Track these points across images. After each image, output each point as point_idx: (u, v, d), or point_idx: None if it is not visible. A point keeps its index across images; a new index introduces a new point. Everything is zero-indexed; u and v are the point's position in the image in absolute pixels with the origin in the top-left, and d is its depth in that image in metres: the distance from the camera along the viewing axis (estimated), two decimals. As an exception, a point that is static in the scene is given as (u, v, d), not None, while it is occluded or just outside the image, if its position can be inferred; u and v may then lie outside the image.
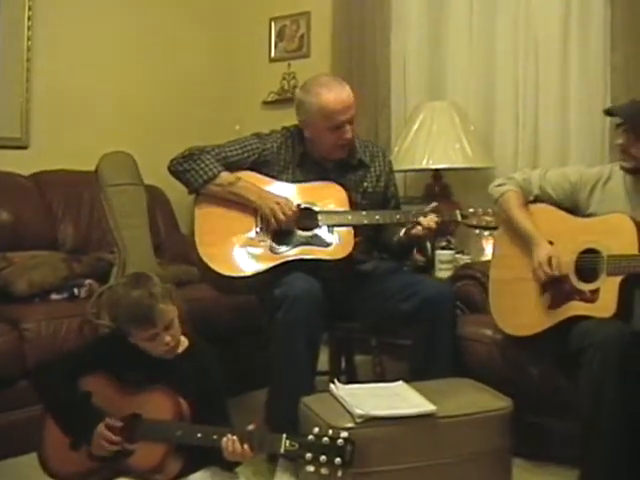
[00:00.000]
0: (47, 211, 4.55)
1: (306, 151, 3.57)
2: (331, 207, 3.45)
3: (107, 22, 5.15)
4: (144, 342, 2.72)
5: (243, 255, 3.36)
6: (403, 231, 3.50)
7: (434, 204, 3.46)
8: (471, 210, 3.44)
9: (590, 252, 3.07)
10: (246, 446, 2.52)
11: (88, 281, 3.97)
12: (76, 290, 3.94)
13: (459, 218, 3.44)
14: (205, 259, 3.35)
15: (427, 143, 4.60)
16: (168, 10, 5.54)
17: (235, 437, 2.53)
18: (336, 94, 3.44)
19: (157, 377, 2.69)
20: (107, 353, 2.81)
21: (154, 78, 5.43)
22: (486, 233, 3.90)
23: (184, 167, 3.43)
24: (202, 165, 3.41)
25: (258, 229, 3.41)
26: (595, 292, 3.00)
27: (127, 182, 3.87)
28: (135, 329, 2.70)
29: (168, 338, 2.74)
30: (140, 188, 3.93)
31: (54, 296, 3.90)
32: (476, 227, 3.51)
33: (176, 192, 4.80)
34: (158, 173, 4.11)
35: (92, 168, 3.87)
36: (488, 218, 3.40)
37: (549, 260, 3.13)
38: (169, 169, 3.48)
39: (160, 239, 4.71)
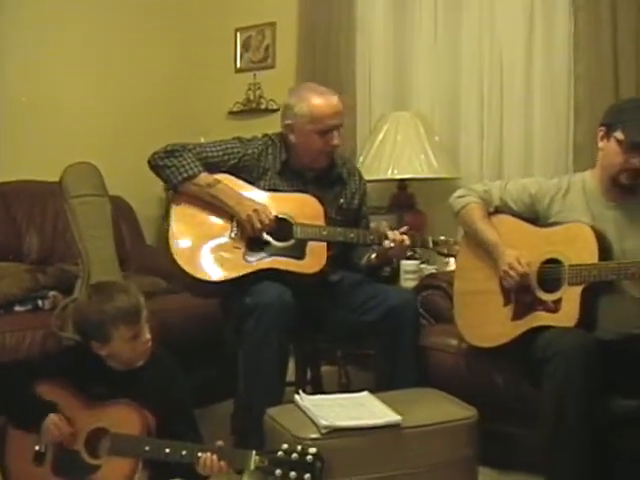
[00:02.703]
0: (11, 222, 4.50)
1: (288, 159, 3.56)
2: (307, 220, 3.43)
3: (71, 32, 5.12)
4: (124, 345, 2.71)
5: (215, 259, 3.36)
6: (375, 255, 3.52)
7: (405, 228, 3.50)
8: (442, 238, 3.50)
9: (552, 262, 3.08)
10: (223, 462, 2.53)
11: (52, 293, 3.94)
12: (40, 302, 3.91)
13: (431, 245, 3.50)
14: (176, 257, 3.34)
15: (392, 153, 4.62)
16: (133, 20, 5.52)
17: (215, 456, 2.53)
18: (326, 98, 3.48)
19: (121, 390, 2.68)
20: (70, 364, 2.80)
21: (119, 89, 5.41)
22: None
23: (165, 162, 3.41)
24: (183, 162, 3.40)
25: (233, 234, 3.40)
26: (558, 302, 3.01)
27: (91, 193, 3.84)
28: (123, 326, 2.68)
29: (148, 335, 2.75)
30: (104, 199, 3.90)
31: (18, 308, 3.87)
32: (447, 255, 3.57)
33: (141, 203, 4.81)
34: (123, 184, 4.11)
35: (56, 179, 3.83)
36: (458, 247, 3.45)
37: (518, 260, 3.13)
38: (149, 163, 3.46)
39: (125, 251, 4.67)
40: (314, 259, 3.37)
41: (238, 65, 5.97)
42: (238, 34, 5.94)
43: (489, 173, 4.72)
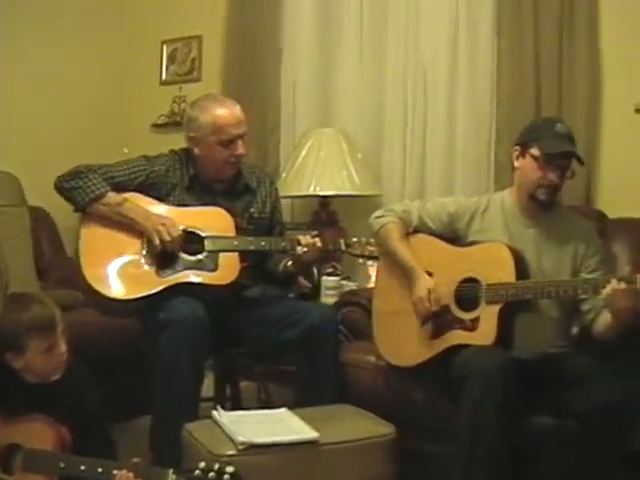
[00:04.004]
0: None
1: (196, 173, 3.56)
2: (218, 232, 3.44)
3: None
4: (38, 356, 2.66)
5: (128, 278, 3.35)
6: (291, 262, 3.54)
7: (314, 232, 3.54)
8: (355, 239, 3.53)
9: (470, 281, 3.11)
10: None
11: (-32, 304, 3.87)
12: (-45, 314, 3.84)
13: (343, 247, 3.53)
14: (89, 280, 3.33)
15: (314, 169, 4.61)
16: (58, 30, 5.44)
17: (131, 473, 2.50)
18: (228, 108, 3.50)
19: (36, 405, 2.64)
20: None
21: (41, 98, 5.32)
22: (370, 262, 3.93)
23: (70, 185, 3.40)
24: (89, 183, 3.38)
25: (144, 252, 3.40)
26: (475, 320, 3.04)
27: (9, 203, 3.80)
28: (38, 337, 2.64)
29: (63, 349, 2.71)
30: (23, 209, 3.86)
31: None
32: (360, 256, 3.59)
33: (62, 214, 4.73)
34: (43, 194, 4.05)
35: (-26, 189, 3.79)
36: (371, 247, 3.48)
37: (428, 295, 3.15)
38: (55, 186, 3.45)
39: (44, 262, 4.60)
40: (227, 270, 3.38)
41: (163, 77, 5.91)
42: (164, 46, 5.88)
43: (411, 190, 4.73)
